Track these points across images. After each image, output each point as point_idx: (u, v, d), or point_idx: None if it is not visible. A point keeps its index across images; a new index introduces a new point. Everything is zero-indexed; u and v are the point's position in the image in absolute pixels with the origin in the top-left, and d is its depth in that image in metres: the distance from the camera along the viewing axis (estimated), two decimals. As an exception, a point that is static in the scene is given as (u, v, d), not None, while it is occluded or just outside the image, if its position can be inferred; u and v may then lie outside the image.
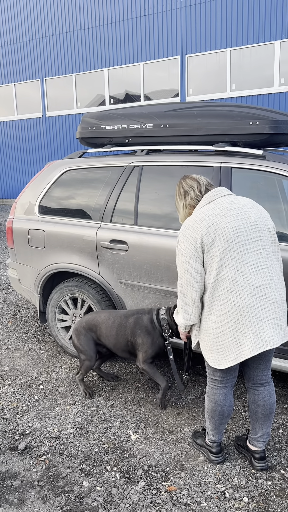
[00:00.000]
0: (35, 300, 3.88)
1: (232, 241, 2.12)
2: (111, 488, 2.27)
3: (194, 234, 2.14)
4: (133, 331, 2.98)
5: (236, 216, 2.17)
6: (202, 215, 2.17)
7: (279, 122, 3.01)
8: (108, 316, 3.11)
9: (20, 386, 3.31)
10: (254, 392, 2.35)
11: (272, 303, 2.14)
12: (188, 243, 2.16)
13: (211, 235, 2.12)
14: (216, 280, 2.14)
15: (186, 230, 2.19)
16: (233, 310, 2.12)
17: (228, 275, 2.11)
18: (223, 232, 2.12)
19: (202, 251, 2.14)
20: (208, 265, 2.16)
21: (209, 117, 3.18)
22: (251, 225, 2.17)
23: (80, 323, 3.17)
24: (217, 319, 2.17)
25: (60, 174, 3.77)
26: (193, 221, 2.18)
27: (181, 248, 2.19)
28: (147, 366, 2.94)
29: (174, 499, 2.19)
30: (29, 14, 13.88)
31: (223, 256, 2.11)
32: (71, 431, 2.74)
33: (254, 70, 11.14)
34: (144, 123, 3.42)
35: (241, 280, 2.11)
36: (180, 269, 2.21)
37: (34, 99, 14.48)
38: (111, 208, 3.43)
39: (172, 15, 11.75)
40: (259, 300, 2.12)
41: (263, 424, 2.35)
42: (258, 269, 2.14)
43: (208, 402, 2.38)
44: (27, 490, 2.27)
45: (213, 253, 2.13)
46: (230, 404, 2.35)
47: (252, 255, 2.14)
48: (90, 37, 13.03)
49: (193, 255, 2.14)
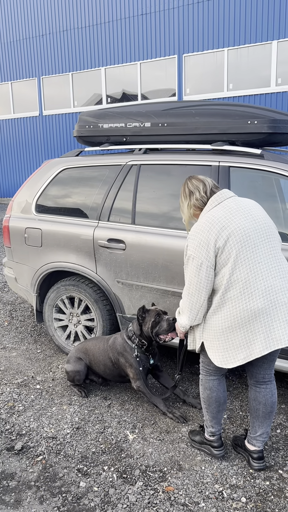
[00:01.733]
0: (32, 299, 3.86)
1: (244, 241, 2.12)
2: (109, 488, 2.26)
3: (206, 238, 2.13)
4: (113, 351, 2.99)
5: (246, 217, 2.17)
6: (212, 218, 2.16)
7: (277, 121, 3.00)
8: (95, 343, 3.14)
9: (16, 385, 3.29)
10: (256, 389, 2.36)
11: (283, 303, 2.16)
12: (200, 247, 2.14)
13: (224, 237, 2.12)
14: (229, 282, 2.14)
15: (196, 235, 2.16)
16: (246, 311, 2.13)
17: (241, 277, 2.12)
18: (235, 233, 2.12)
19: (214, 255, 2.14)
20: (221, 268, 2.15)
21: (207, 116, 3.17)
22: (260, 225, 2.19)
23: (70, 352, 3.22)
24: (227, 319, 2.17)
25: (57, 173, 3.75)
26: (204, 225, 2.16)
27: (192, 253, 2.17)
28: (141, 385, 2.88)
29: (172, 500, 2.18)
30: (26, 12, 13.82)
31: (237, 257, 2.12)
32: (68, 431, 2.73)
33: (251, 70, 11.15)
34: (142, 121, 3.41)
35: (253, 281, 2.12)
36: (191, 273, 2.19)
37: (31, 98, 14.43)
38: (108, 207, 3.42)
39: (170, 14, 11.73)
40: (271, 301, 2.13)
41: (263, 423, 2.35)
42: (269, 270, 2.15)
43: (203, 391, 2.41)
44: (23, 490, 2.25)
45: (226, 255, 2.12)
46: (224, 390, 2.41)
47: (263, 255, 2.15)
48: (87, 36, 13.00)
49: (205, 260, 2.13)
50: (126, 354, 2.93)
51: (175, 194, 3.18)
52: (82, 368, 3.09)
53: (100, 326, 3.49)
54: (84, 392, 3.12)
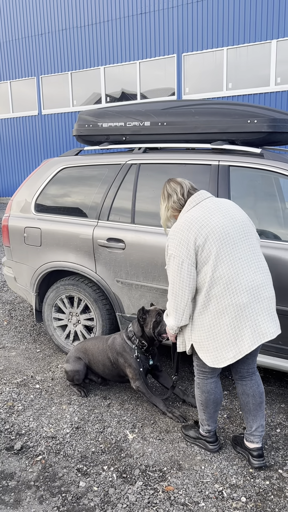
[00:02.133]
0: (31, 299, 3.85)
1: (224, 239, 2.17)
2: (108, 488, 2.25)
3: (186, 237, 2.17)
4: (112, 351, 2.98)
5: (224, 216, 2.23)
6: (190, 217, 2.21)
7: (277, 121, 3.00)
8: (94, 342, 3.13)
9: (15, 385, 3.28)
10: (243, 383, 2.40)
11: (265, 298, 2.23)
12: (180, 246, 2.18)
13: (203, 235, 2.16)
14: (212, 279, 2.17)
15: (176, 234, 2.21)
16: (230, 307, 2.16)
17: (223, 273, 2.16)
18: (215, 231, 2.17)
19: (195, 253, 2.17)
20: (202, 266, 2.19)
21: (207, 115, 3.17)
22: (238, 223, 2.25)
23: (70, 352, 3.22)
24: (213, 317, 2.19)
25: (56, 172, 3.74)
26: (183, 224, 2.20)
27: (173, 251, 2.21)
28: (141, 385, 2.87)
29: (172, 499, 2.17)
30: (25, 11, 13.80)
31: (217, 255, 2.16)
32: (68, 431, 2.72)
33: (250, 69, 11.14)
34: (141, 120, 3.40)
35: (236, 277, 2.16)
36: (172, 273, 2.23)
37: (30, 97, 14.40)
38: (108, 206, 3.41)
39: (169, 13, 11.72)
40: (255, 296, 2.19)
41: (256, 416, 2.37)
42: (250, 265, 2.21)
43: (200, 394, 2.42)
44: (23, 490, 2.25)
45: (207, 253, 2.16)
46: (220, 391, 2.44)
47: (243, 251, 2.21)
48: (86, 35, 12.98)
49: (186, 258, 2.17)
50: (125, 354, 2.92)
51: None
52: (81, 367, 3.09)
53: (99, 326, 3.49)
54: (83, 392, 3.11)
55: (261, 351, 2.90)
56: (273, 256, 2.74)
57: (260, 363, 2.91)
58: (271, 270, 2.72)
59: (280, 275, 2.71)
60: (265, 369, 3.50)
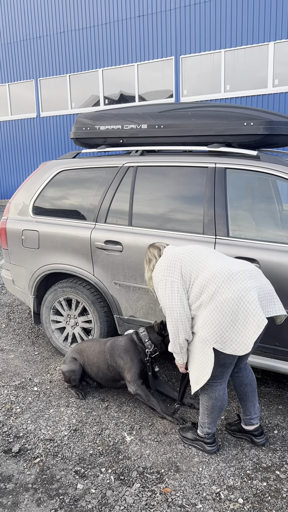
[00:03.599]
0: (29, 301, 3.86)
1: (197, 256, 2.43)
2: (106, 490, 2.26)
3: (168, 264, 2.42)
4: (111, 353, 2.98)
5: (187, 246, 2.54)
6: (166, 255, 2.50)
7: (273, 123, 3.01)
8: (90, 344, 3.14)
9: (14, 388, 3.29)
10: (239, 375, 2.56)
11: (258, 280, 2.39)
12: (164, 271, 2.41)
13: (181, 258, 2.42)
14: (203, 284, 2.32)
15: (159, 268, 2.46)
16: (234, 293, 2.26)
17: (211, 272, 2.33)
18: (187, 254, 2.44)
19: (180, 273, 2.38)
20: (190, 279, 2.38)
21: (203, 117, 3.18)
22: (203, 247, 2.54)
23: (67, 353, 3.24)
24: (221, 308, 2.26)
25: (54, 175, 3.75)
26: (163, 260, 2.48)
27: (158, 279, 2.43)
28: (139, 389, 2.87)
29: (169, 501, 2.18)
30: (23, 14, 13.83)
31: (199, 264, 2.40)
32: (66, 433, 2.73)
33: (248, 71, 11.17)
34: (138, 123, 3.41)
35: (224, 269, 2.34)
36: (162, 296, 2.41)
37: (28, 99, 14.43)
38: (105, 208, 3.42)
39: (167, 16, 11.75)
40: (248, 277, 2.34)
41: (253, 401, 2.56)
42: (229, 260, 2.43)
43: (207, 399, 2.44)
44: (21, 493, 2.25)
45: (189, 268, 2.39)
46: (227, 397, 2.53)
47: (216, 256, 2.45)
48: (84, 38, 13.01)
49: (169, 277, 2.38)
50: (128, 357, 2.91)
51: (172, 196, 3.18)
52: (77, 367, 3.10)
53: (97, 328, 3.49)
54: (81, 394, 3.12)
55: (259, 352, 2.90)
56: (270, 259, 2.75)
57: (258, 364, 2.92)
58: (268, 272, 2.73)
59: (277, 277, 2.72)
60: (263, 371, 3.51)
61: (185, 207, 3.12)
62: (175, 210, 3.16)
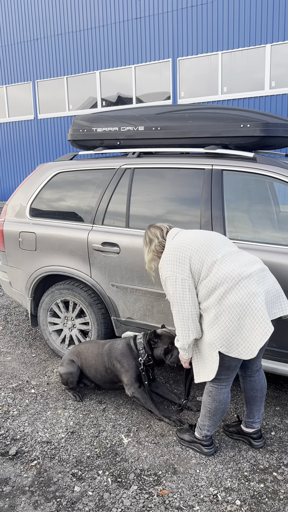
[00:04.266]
0: (26, 303, 3.85)
1: (209, 248, 2.33)
2: (103, 492, 2.25)
3: (176, 256, 2.32)
4: (109, 356, 2.98)
5: (201, 234, 2.43)
6: (175, 243, 2.38)
7: (269, 125, 3.02)
8: (88, 346, 3.13)
9: (11, 390, 3.28)
10: (251, 379, 2.51)
11: (269, 280, 2.36)
12: (172, 265, 2.32)
13: (191, 249, 2.32)
14: (217, 282, 2.26)
15: (166, 258, 2.36)
16: (243, 297, 2.22)
17: (224, 273, 2.26)
18: (199, 244, 2.34)
19: (189, 267, 2.30)
20: (199, 275, 2.30)
21: (200, 119, 3.19)
22: (213, 234, 2.46)
23: (64, 355, 3.22)
24: (231, 312, 2.23)
25: (51, 176, 3.75)
26: (170, 249, 2.37)
27: (166, 274, 2.34)
28: (136, 391, 2.87)
29: (167, 503, 2.17)
30: (20, 16, 13.84)
31: (211, 260, 2.30)
32: (63, 435, 2.72)
33: (245, 73, 11.20)
34: (135, 125, 3.42)
35: (237, 271, 2.26)
36: (171, 293, 2.32)
37: (26, 102, 14.43)
38: (102, 210, 3.42)
39: (164, 18, 11.78)
40: (259, 281, 2.28)
41: (260, 406, 2.54)
42: (242, 259, 2.36)
43: (211, 402, 2.42)
44: (18, 496, 2.24)
45: (200, 263, 2.30)
46: (229, 400, 2.49)
47: (229, 252, 2.37)
48: (82, 40, 13.02)
49: (179, 273, 2.29)
50: (124, 360, 2.91)
51: (169, 197, 3.19)
52: (75, 370, 3.09)
53: (94, 330, 3.49)
54: (78, 396, 3.11)
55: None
56: (267, 260, 2.75)
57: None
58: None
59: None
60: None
61: (182, 208, 3.12)
62: (172, 212, 3.16)
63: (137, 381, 2.89)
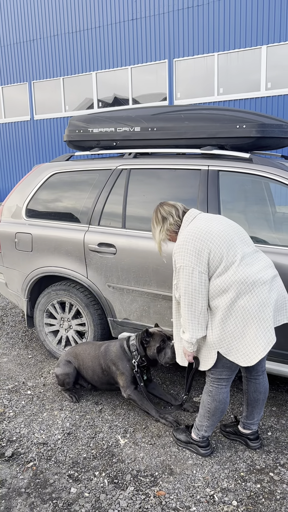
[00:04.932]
0: (23, 305, 3.84)
1: (229, 243, 2.26)
2: (100, 494, 2.25)
3: (194, 246, 2.21)
4: (105, 358, 2.98)
5: (221, 223, 2.32)
6: (194, 229, 2.26)
7: (265, 126, 3.03)
8: (85, 347, 3.13)
9: (7, 391, 3.27)
10: (256, 381, 2.50)
11: (279, 287, 2.35)
12: (189, 255, 2.21)
13: (211, 241, 2.22)
14: (231, 281, 2.21)
15: (183, 246, 2.24)
16: (255, 304, 2.20)
17: (241, 274, 2.21)
18: (220, 237, 2.24)
19: (206, 260, 2.21)
20: (215, 271, 2.23)
21: (196, 120, 3.19)
22: (234, 227, 2.37)
23: (60, 357, 3.21)
24: (239, 317, 2.20)
25: (47, 177, 3.75)
26: (189, 235, 2.25)
27: (182, 263, 2.23)
28: (132, 393, 2.87)
29: (163, 504, 2.17)
30: (17, 17, 13.82)
31: (229, 258, 2.23)
32: (59, 437, 2.71)
33: (241, 74, 11.23)
34: (131, 126, 3.42)
35: (253, 275, 2.22)
36: (184, 283, 2.22)
37: (22, 102, 14.40)
38: (99, 211, 3.42)
39: (160, 19, 11.80)
40: (270, 288, 2.27)
41: (261, 408, 2.54)
42: (259, 262, 2.32)
43: (211, 402, 2.41)
44: (14, 497, 2.23)
45: (218, 258, 2.22)
46: (229, 400, 2.47)
47: (247, 252, 2.31)
48: (78, 41, 13.02)
49: (196, 266, 2.20)
50: (119, 363, 2.91)
51: (165, 198, 3.19)
52: (71, 370, 3.08)
53: (91, 331, 3.48)
54: (75, 397, 3.10)
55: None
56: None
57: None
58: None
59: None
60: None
61: (179, 209, 3.12)
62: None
63: (132, 383, 2.89)
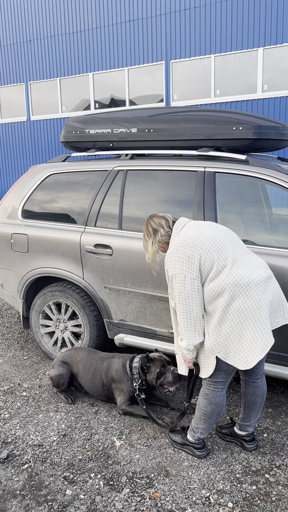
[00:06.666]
0: (18, 306, 3.83)
1: (221, 247, 2.28)
2: (95, 496, 2.24)
3: (185, 253, 2.24)
4: (106, 375, 2.97)
5: (211, 228, 2.35)
6: (184, 236, 2.30)
7: (262, 128, 3.03)
8: (86, 356, 3.11)
9: (2, 393, 3.25)
10: (254, 384, 2.48)
11: (274, 289, 2.34)
12: (180, 263, 2.24)
13: (202, 248, 2.25)
14: (225, 285, 2.21)
15: (174, 254, 2.27)
16: (250, 306, 2.20)
17: (235, 277, 2.22)
18: (210, 242, 2.27)
19: (198, 266, 2.23)
20: (207, 276, 2.25)
21: (193, 122, 3.20)
22: (225, 231, 2.39)
23: (55, 359, 3.20)
24: (235, 320, 2.21)
25: (43, 178, 3.74)
26: (179, 244, 2.28)
27: (173, 271, 2.26)
28: (126, 408, 2.88)
29: (159, 506, 2.16)
30: (13, 17, 13.80)
31: (221, 262, 2.24)
32: (55, 439, 2.70)
33: (238, 76, 11.26)
34: (128, 127, 3.42)
35: (247, 277, 2.23)
36: (177, 291, 2.25)
37: (19, 103, 14.37)
38: (95, 212, 3.41)
39: (157, 21, 11.81)
40: (265, 289, 2.26)
41: (258, 411, 2.53)
42: (252, 264, 2.32)
43: (207, 405, 2.41)
44: (8, 499, 2.22)
45: (210, 263, 2.24)
46: (225, 403, 2.48)
47: (240, 254, 2.32)
48: (75, 42, 13.02)
49: (188, 272, 2.22)
50: (120, 382, 2.91)
51: (162, 200, 3.19)
52: (65, 371, 3.07)
53: (87, 332, 3.47)
54: (70, 399, 3.09)
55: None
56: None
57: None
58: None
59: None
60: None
61: (175, 210, 3.12)
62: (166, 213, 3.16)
63: (129, 400, 2.91)
